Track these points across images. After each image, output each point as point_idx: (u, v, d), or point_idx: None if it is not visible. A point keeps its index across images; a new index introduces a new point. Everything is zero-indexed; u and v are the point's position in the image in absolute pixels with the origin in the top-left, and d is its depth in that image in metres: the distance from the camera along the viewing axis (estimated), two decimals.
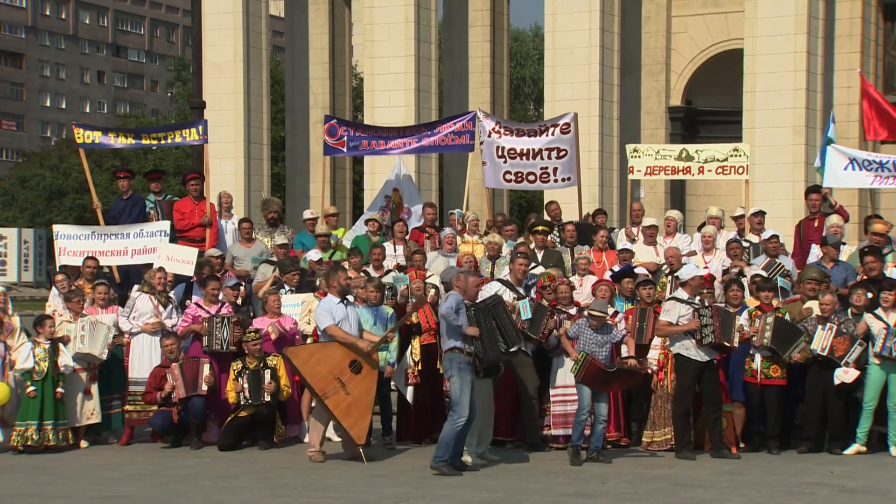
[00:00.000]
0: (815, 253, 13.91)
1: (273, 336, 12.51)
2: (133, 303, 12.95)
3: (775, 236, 13.78)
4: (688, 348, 11.47)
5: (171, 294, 13.32)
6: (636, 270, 13.13)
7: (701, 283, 11.80)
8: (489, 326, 10.77)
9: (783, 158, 20.40)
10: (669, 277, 13.10)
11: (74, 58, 79.10)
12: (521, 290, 12.23)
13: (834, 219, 14.35)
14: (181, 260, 14.14)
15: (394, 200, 17.18)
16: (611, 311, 11.88)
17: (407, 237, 15.40)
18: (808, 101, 20.67)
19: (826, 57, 21.36)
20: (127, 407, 12.75)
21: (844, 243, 14.21)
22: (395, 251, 15.00)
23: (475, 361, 10.70)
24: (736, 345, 11.56)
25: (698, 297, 11.64)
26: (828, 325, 11.66)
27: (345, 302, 11.48)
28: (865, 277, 12.62)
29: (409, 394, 12.38)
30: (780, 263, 13.38)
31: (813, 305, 12.11)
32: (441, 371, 11.55)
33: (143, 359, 12.80)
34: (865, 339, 11.71)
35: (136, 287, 13.40)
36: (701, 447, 11.77)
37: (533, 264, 13.81)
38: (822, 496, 9.74)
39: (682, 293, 11.69)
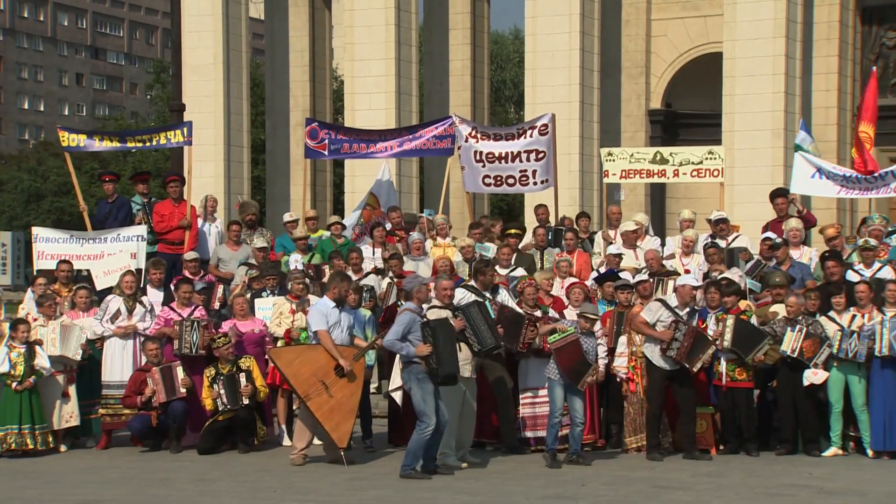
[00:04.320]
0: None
1: (232, 340, 12.46)
2: (106, 306, 12.90)
3: (771, 238, 13.84)
4: (652, 354, 11.56)
5: (144, 298, 13.24)
6: (622, 275, 13.13)
7: (690, 295, 11.78)
8: (446, 337, 10.66)
9: (762, 161, 20.52)
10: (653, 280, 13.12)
11: (53, 60, 78.68)
12: (488, 294, 12.20)
13: (793, 222, 14.47)
14: (118, 269, 14.05)
15: (369, 204, 17.16)
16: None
17: (385, 241, 15.42)
18: (787, 104, 20.79)
19: (804, 60, 21.50)
20: (101, 411, 12.69)
21: (804, 246, 14.31)
22: (373, 254, 15.01)
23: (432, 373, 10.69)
24: (695, 370, 11.58)
25: (686, 311, 11.66)
26: (797, 326, 11.77)
27: (339, 307, 11.48)
28: (825, 282, 12.74)
29: (399, 397, 12.35)
30: (765, 264, 13.44)
31: (779, 309, 12.21)
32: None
33: (115, 362, 12.74)
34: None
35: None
36: (682, 450, 11.81)
37: (514, 266, 13.85)
38: (801, 498, 9.80)
39: (672, 298, 11.70)
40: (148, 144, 16.68)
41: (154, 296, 13.43)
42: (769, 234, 14.15)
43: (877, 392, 11.62)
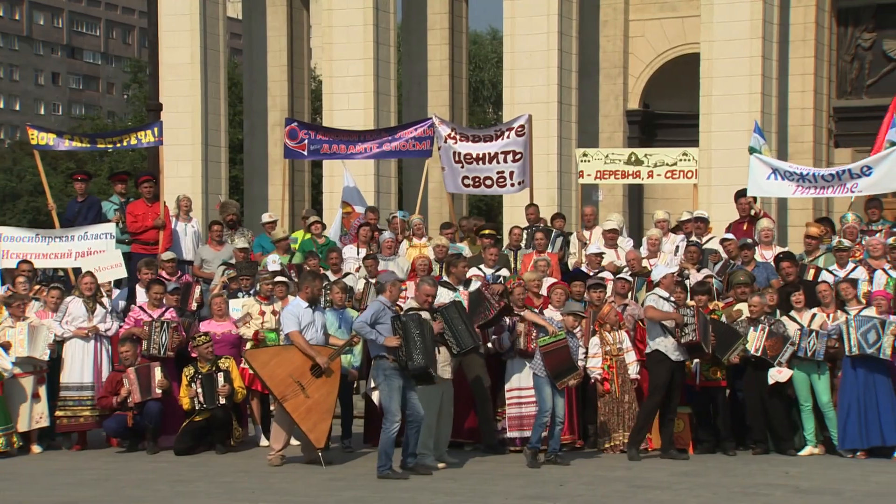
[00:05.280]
0: None
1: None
2: (66, 307, 12.80)
3: (730, 239, 13.94)
4: (666, 346, 11.52)
5: (105, 299, 13.14)
6: (602, 274, 13.15)
7: (673, 282, 11.85)
8: (418, 332, 10.64)
9: (740, 162, 20.48)
10: (633, 280, 13.15)
11: (28, 59, 78.15)
12: (461, 288, 12.21)
13: (765, 222, 14.58)
14: (108, 266, 13.99)
15: (345, 212, 17.13)
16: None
17: (371, 241, 15.42)
18: (764, 104, 20.88)
19: (780, 62, 21.60)
20: (58, 413, 12.57)
21: (776, 246, 14.39)
22: (357, 254, 15.02)
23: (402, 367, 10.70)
24: (710, 351, 11.63)
25: (672, 298, 11.68)
26: (759, 326, 11.84)
27: (312, 307, 11.44)
28: (782, 283, 12.83)
29: (376, 397, 12.33)
30: (734, 265, 13.52)
31: (745, 308, 12.28)
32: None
33: (75, 363, 12.67)
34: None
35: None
36: (658, 449, 11.86)
37: (499, 266, 13.85)
38: (777, 497, 9.84)
39: (661, 292, 11.72)
40: (119, 145, 16.60)
41: (143, 296, 13.38)
42: (728, 234, 14.26)
43: (849, 390, 11.70)
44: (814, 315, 12.00)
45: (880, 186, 14.65)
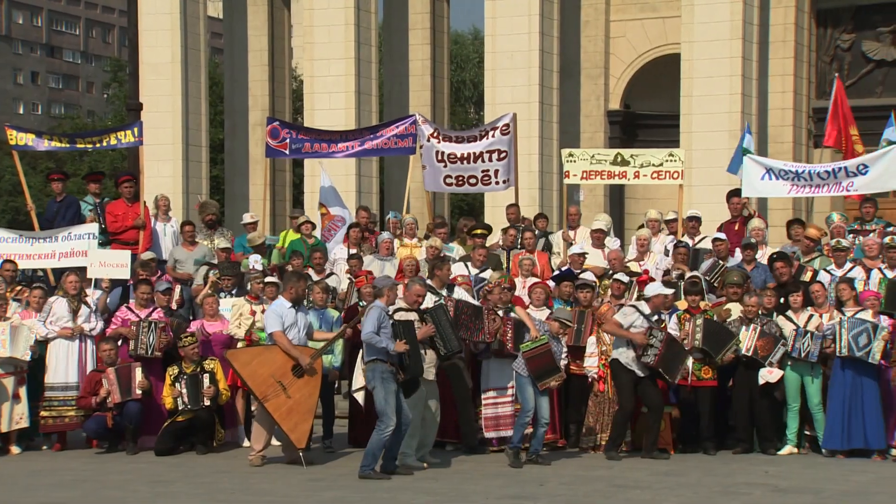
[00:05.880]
0: (737, 255, 14.12)
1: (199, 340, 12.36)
2: (50, 307, 12.74)
3: (721, 239, 13.94)
4: (626, 358, 11.55)
5: (89, 299, 13.08)
6: (584, 275, 13.15)
7: (664, 303, 11.82)
8: (413, 338, 10.75)
9: (720, 162, 20.57)
10: (611, 280, 13.16)
11: (7, 58, 77.65)
12: (444, 292, 12.20)
13: (756, 222, 14.59)
14: (115, 264, 13.96)
15: (321, 213, 17.10)
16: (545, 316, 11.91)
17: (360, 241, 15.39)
18: (744, 105, 20.97)
19: (761, 62, 21.68)
20: (42, 413, 12.52)
21: (766, 247, 14.43)
22: (348, 254, 15.00)
23: (397, 371, 10.72)
24: (675, 382, 11.66)
25: (655, 318, 11.68)
26: (751, 325, 11.86)
27: (296, 307, 11.42)
28: (776, 283, 12.86)
29: (361, 398, 12.31)
30: (723, 265, 13.53)
31: (734, 308, 12.30)
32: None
33: (59, 364, 12.61)
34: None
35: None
36: (640, 449, 11.88)
37: (475, 271, 13.83)
38: (756, 496, 9.88)
39: (644, 307, 11.72)
40: (98, 145, 16.51)
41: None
42: (719, 234, 14.27)
43: (836, 392, 11.73)
44: (810, 316, 11.98)
45: (876, 185, 14.60)
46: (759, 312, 12.05)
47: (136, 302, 12.83)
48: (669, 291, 12.03)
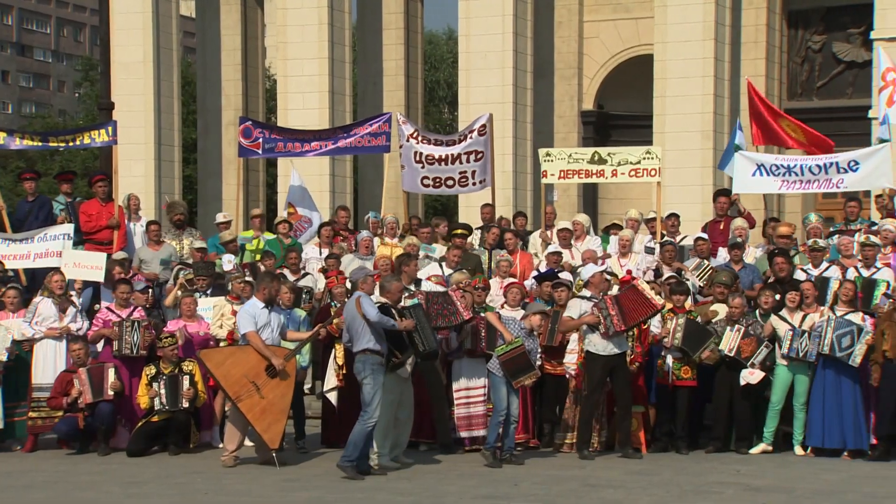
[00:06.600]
0: (722, 255, 14.17)
1: (180, 342, 12.33)
2: (35, 307, 12.66)
3: (704, 238, 13.97)
4: (595, 344, 11.59)
5: (74, 298, 13.03)
6: (561, 275, 13.17)
7: (603, 280, 11.92)
8: (419, 316, 10.91)
9: (692, 162, 20.76)
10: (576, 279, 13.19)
11: None
12: (412, 287, 12.18)
13: (739, 221, 14.63)
14: (89, 266, 13.86)
15: (289, 212, 17.06)
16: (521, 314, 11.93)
17: (332, 241, 15.36)
18: (716, 106, 21.08)
19: (733, 63, 21.82)
20: (31, 413, 12.44)
21: (750, 247, 14.50)
22: (320, 254, 14.96)
23: (386, 363, 10.73)
24: (695, 358, 11.78)
25: (600, 296, 11.74)
26: (736, 326, 11.89)
27: (269, 307, 11.38)
28: (774, 279, 12.89)
29: (334, 397, 12.29)
30: (708, 264, 13.57)
31: (720, 308, 12.34)
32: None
33: (48, 364, 12.53)
34: (772, 341, 11.98)
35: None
36: (613, 448, 11.91)
37: (450, 271, 13.83)
38: (728, 495, 9.93)
39: (585, 292, 11.80)
40: (71, 144, 16.38)
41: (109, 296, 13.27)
42: (702, 234, 14.31)
43: (817, 390, 11.78)
44: (804, 316, 11.98)
45: (866, 183, 14.64)
46: (746, 312, 12.10)
47: (116, 302, 12.76)
48: (604, 268, 12.31)
